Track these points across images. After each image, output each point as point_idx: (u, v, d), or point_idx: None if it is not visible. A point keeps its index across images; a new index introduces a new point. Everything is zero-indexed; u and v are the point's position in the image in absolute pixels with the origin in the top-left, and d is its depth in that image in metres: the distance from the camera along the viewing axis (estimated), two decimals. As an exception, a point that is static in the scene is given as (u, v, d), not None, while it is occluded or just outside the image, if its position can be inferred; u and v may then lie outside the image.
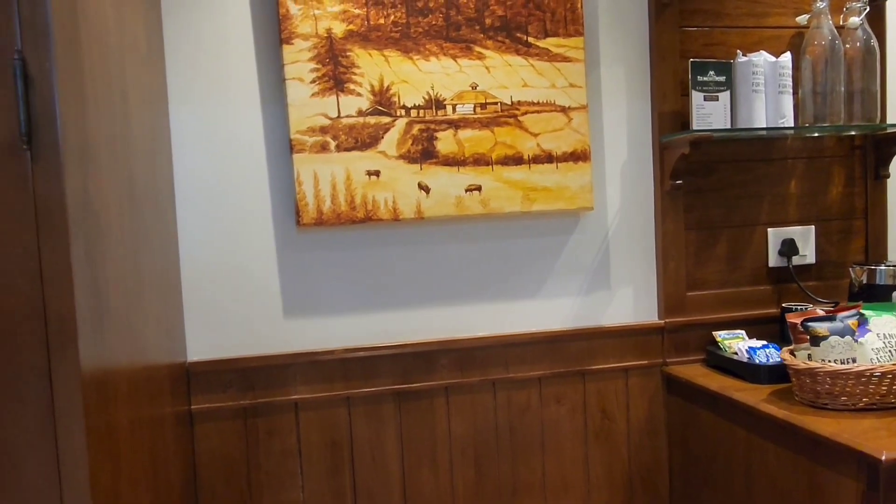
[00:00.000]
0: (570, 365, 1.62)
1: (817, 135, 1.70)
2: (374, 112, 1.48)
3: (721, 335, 1.62)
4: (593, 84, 1.62)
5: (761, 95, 1.59)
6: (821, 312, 1.36)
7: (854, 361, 1.25)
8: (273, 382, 1.49)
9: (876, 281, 1.56)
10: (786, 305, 1.63)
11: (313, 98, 1.45)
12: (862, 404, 1.23)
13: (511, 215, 1.57)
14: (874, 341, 1.28)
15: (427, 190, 1.50)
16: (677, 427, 1.63)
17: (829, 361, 1.25)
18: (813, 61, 1.61)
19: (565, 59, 1.55)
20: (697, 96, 1.58)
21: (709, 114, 1.59)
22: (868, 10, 1.62)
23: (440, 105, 1.50)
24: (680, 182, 1.62)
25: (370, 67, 1.47)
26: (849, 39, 1.63)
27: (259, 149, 1.48)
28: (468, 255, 1.58)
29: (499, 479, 1.59)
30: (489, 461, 1.59)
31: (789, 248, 1.69)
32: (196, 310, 1.47)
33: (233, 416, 1.48)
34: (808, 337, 1.29)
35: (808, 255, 1.72)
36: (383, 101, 1.48)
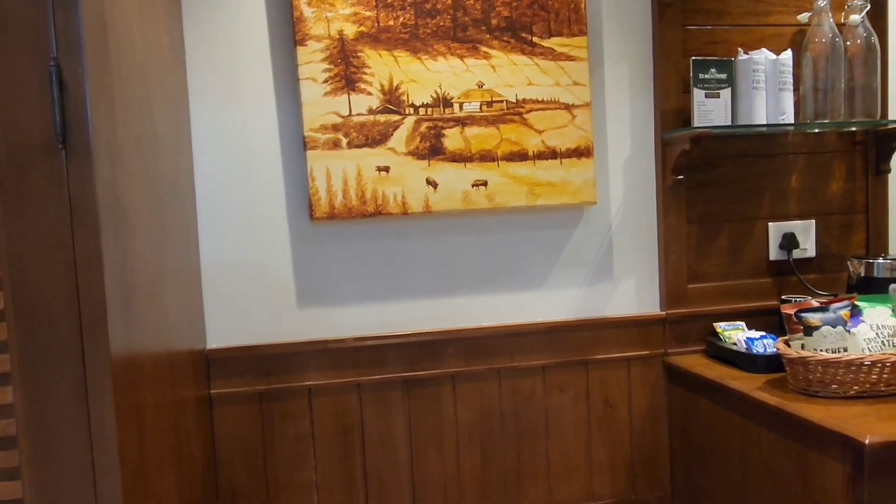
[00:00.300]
0: (574, 354, 1.67)
1: (818, 131, 1.73)
2: (384, 110, 1.54)
3: (721, 326, 1.66)
4: (597, 82, 1.67)
5: (762, 92, 1.63)
6: (815, 304, 1.40)
7: (845, 351, 1.29)
8: (287, 369, 1.56)
9: (874, 274, 1.59)
10: (785, 297, 1.67)
11: (326, 97, 1.51)
12: (853, 392, 1.27)
13: (516, 209, 1.63)
14: (866, 332, 1.32)
15: (435, 185, 1.56)
16: (678, 415, 1.68)
17: (821, 351, 1.30)
18: (814, 58, 1.64)
19: (569, 58, 1.60)
20: (699, 93, 1.62)
21: (710, 111, 1.63)
22: (869, 8, 1.65)
23: (447, 103, 1.56)
24: (681, 177, 1.67)
25: (380, 67, 1.53)
26: (850, 37, 1.66)
27: (274, 146, 1.56)
28: (475, 248, 1.64)
29: (504, 464, 1.66)
30: (494, 447, 1.65)
31: (790, 242, 1.73)
32: (215, 299, 1.55)
33: (249, 401, 1.55)
34: (802, 327, 1.34)
35: (809, 249, 1.75)
36: (393, 100, 1.54)
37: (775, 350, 1.48)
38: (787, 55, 1.64)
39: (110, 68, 0.97)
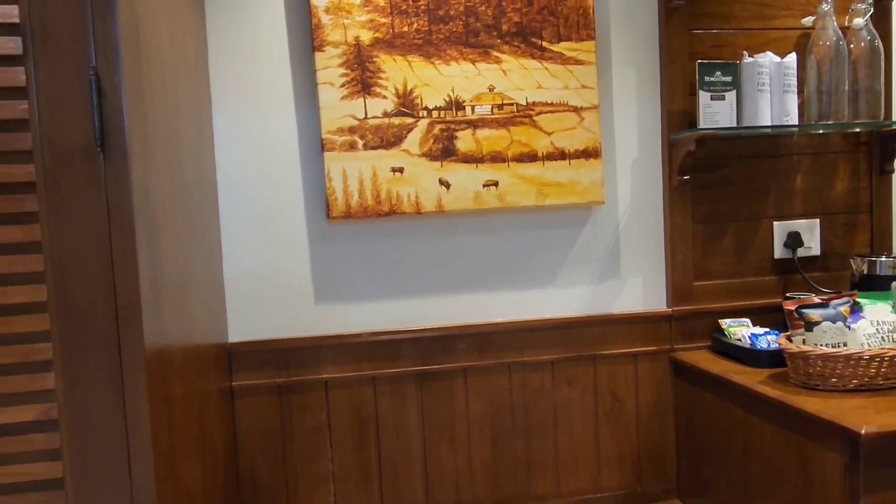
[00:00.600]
0: (582, 350, 1.72)
1: (822, 132, 1.76)
2: (399, 113, 1.59)
3: (726, 323, 1.70)
4: (605, 85, 1.71)
5: (766, 95, 1.67)
6: (817, 300, 1.44)
7: (845, 346, 1.33)
8: (305, 362, 1.62)
9: (876, 272, 1.63)
10: (789, 295, 1.71)
11: (342, 101, 1.57)
12: (852, 385, 1.31)
13: (526, 209, 1.68)
14: (866, 327, 1.36)
15: (447, 185, 1.62)
16: (684, 409, 1.72)
17: (822, 346, 1.34)
18: (818, 61, 1.68)
19: (578, 62, 1.65)
20: (704, 96, 1.66)
21: (715, 112, 1.67)
22: (872, 12, 1.68)
23: (460, 106, 1.62)
24: (688, 177, 1.71)
25: (395, 72, 1.59)
26: (853, 40, 1.69)
27: (293, 148, 1.62)
28: (486, 247, 1.70)
29: (514, 456, 1.71)
30: (504, 438, 1.70)
31: (794, 241, 1.77)
32: (236, 295, 1.61)
33: (269, 393, 1.62)
34: (803, 323, 1.38)
35: (813, 248, 1.79)
36: (407, 103, 1.60)
37: (778, 346, 1.52)
38: (792, 58, 1.68)
39: (143, 76, 1.04)
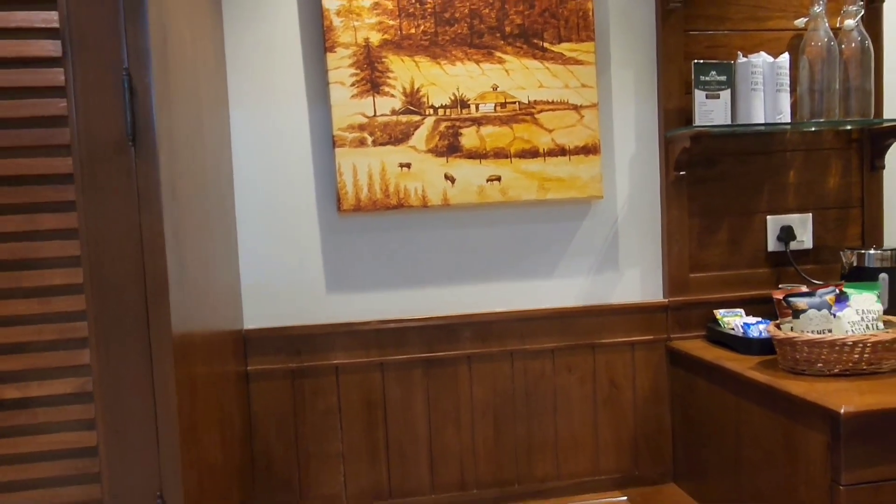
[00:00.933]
0: (581, 338, 1.79)
1: (814, 129, 1.83)
2: (406, 111, 1.67)
3: (721, 313, 1.77)
4: (604, 84, 1.79)
5: (760, 93, 1.73)
6: (804, 290, 1.51)
7: (830, 332, 1.40)
8: (317, 349, 1.70)
9: (865, 264, 1.69)
10: (782, 286, 1.77)
11: (353, 99, 1.65)
12: (837, 370, 1.37)
13: (528, 203, 1.75)
14: (851, 315, 1.43)
15: (452, 180, 1.69)
16: (679, 395, 1.79)
17: (808, 332, 1.40)
18: (811, 61, 1.74)
19: (578, 62, 1.72)
20: (700, 94, 1.73)
21: (710, 110, 1.74)
22: (863, 13, 1.75)
23: (464, 104, 1.69)
24: (683, 173, 1.78)
25: (402, 72, 1.67)
26: (845, 41, 1.75)
27: (305, 144, 1.70)
28: (489, 239, 1.77)
29: (515, 439, 1.78)
30: (506, 422, 1.78)
31: (787, 234, 1.83)
32: (251, 284, 1.69)
33: (282, 377, 1.70)
34: (791, 311, 1.44)
35: (806, 241, 1.85)
36: (414, 102, 1.67)
37: (769, 334, 1.58)
38: (784, 58, 1.74)
39: (169, 76, 1.12)
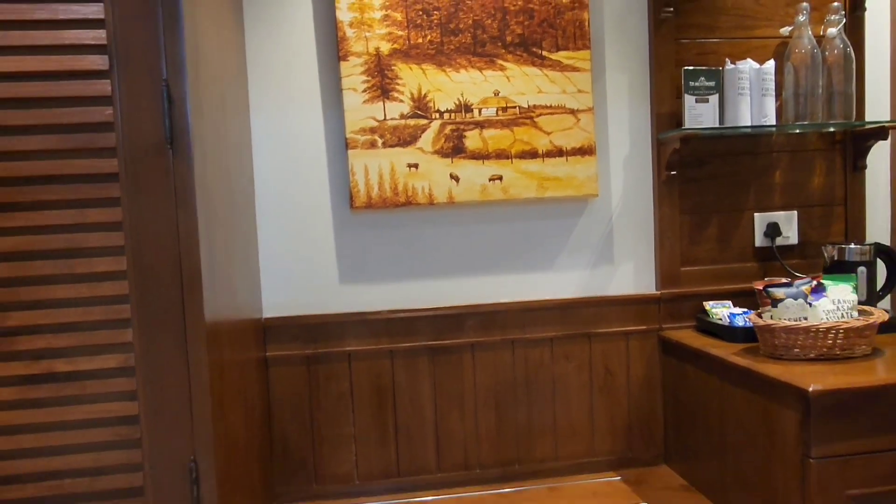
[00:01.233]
0: (579, 328, 1.91)
1: (799, 131, 1.93)
2: (414, 115, 1.79)
3: (710, 304, 1.88)
4: (599, 89, 1.90)
5: (746, 98, 1.84)
6: (783, 281, 1.61)
7: (806, 320, 1.51)
8: (331, 336, 1.83)
9: (845, 258, 1.80)
10: (768, 279, 1.88)
11: (364, 104, 1.77)
12: (812, 355, 1.48)
13: (528, 201, 1.87)
14: (827, 304, 1.53)
15: (457, 179, 1.81)
16: (670, 382, 1.90)
17: (785, 320, 1.51)
18: (795, 67, 1.85)
19: (574, 69, 1.84)
20: (690, 99, 1.84)
21: (700, 114, 1.85)
22: (845, 22, 1.85)
23: (468, 109, 1.81)
24: (675, 173, 1.89)
25: (410, 79, 1.79)
26: (828, 48, 1.86)
27: (320, 146, 1.82)
28: (491, 234, 1.89)
29: (516, 423, 1.90)
30: (508, 408, 1.90)
31: (773, 231, 1.94)
32: (270, 276, 1.82)
33: (298, 363, 1.82)
34: (770, 300, 1.55)
35: (791, 237, 1.96)
36: (421, 107, 1.80)
37: (751, 322, 1.69)
38: (770, 65, 1.85)
39: (201, 85, 1.25)
